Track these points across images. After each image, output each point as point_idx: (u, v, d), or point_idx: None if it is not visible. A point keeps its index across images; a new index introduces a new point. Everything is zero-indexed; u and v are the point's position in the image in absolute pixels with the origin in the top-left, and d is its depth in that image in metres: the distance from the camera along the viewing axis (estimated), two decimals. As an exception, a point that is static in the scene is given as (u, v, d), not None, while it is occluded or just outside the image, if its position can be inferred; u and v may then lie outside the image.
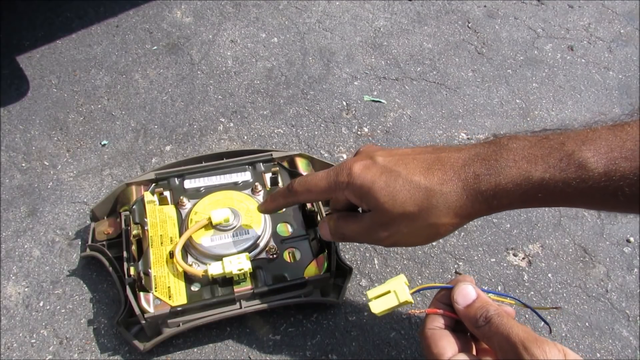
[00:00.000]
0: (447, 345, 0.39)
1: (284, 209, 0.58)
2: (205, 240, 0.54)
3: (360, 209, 0.46)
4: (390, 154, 0.42)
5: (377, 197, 0.40)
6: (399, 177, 0.40)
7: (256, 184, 0.60)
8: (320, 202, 0.58)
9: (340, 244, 0.60)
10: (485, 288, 0.60)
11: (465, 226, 0.66)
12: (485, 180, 0.37)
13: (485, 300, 0.40)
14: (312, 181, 0.46)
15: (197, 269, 0.52)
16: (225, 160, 0.63)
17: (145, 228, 0.55)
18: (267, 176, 0.62)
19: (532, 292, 0.60)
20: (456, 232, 0.65)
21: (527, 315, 0.58)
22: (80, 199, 0.66)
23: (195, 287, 0.52)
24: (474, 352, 0.40)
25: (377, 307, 0.42)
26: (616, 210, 0.37)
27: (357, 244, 0.63)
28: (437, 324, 0.41)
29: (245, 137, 0.74)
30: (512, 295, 0.55)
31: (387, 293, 0.42)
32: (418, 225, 0.40)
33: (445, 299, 0.42)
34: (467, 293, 0.40)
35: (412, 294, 0.42)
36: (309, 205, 0.58)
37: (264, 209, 0.52)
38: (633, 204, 0.35)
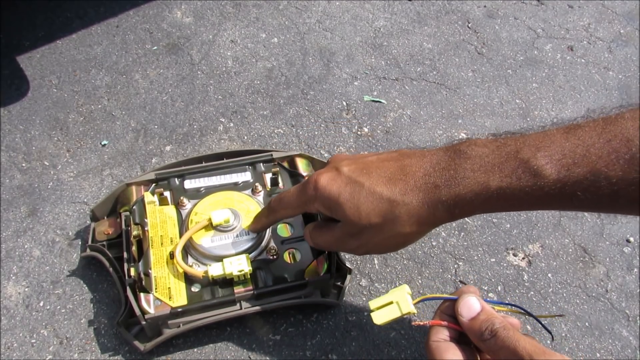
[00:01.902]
0: (452, 358, 0.39)
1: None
2: (206, 241, 0.54)
3: None
4: (355, 163, 0.43)
5: (344, 209, 0.41)
6: (363, 189, 0.40)
7: (256, 184, 0.60)
8: None
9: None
10: (492, 298, 0.60)
11: (465, 226, 0.66)
12: (445, 191, 0.38)
13: (490, 312, 0.39)
14: (286, 198, 0.47)
15: (197, 270, 0.52)
16: (225, 161, 0.63)
17: (146, 228, 0.55)
18: (268, 176, 0.62)
19: (532, 292, 0.60)
20: (456, 232, 0.65)
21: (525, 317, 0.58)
22: (80, 199, 0.66)
23: (195, 288, 0.52)
24: None
25: (380, 318, 0.42)
26: (572, 210, 0.38)
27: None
28: (441, 336, 0.41)
29: (245, 137, 0.74)
30: (514, 303, 0.54)
31: (390, 304, 0.42)
32: (385, 235, 0.41)
33: (449, 310, 0.42)
34: (471, 305, 0.40)
35: (415, 304, 0.42)
36: None
37: (251, 229, 0.54)
38: (586, 206, 0.36)
